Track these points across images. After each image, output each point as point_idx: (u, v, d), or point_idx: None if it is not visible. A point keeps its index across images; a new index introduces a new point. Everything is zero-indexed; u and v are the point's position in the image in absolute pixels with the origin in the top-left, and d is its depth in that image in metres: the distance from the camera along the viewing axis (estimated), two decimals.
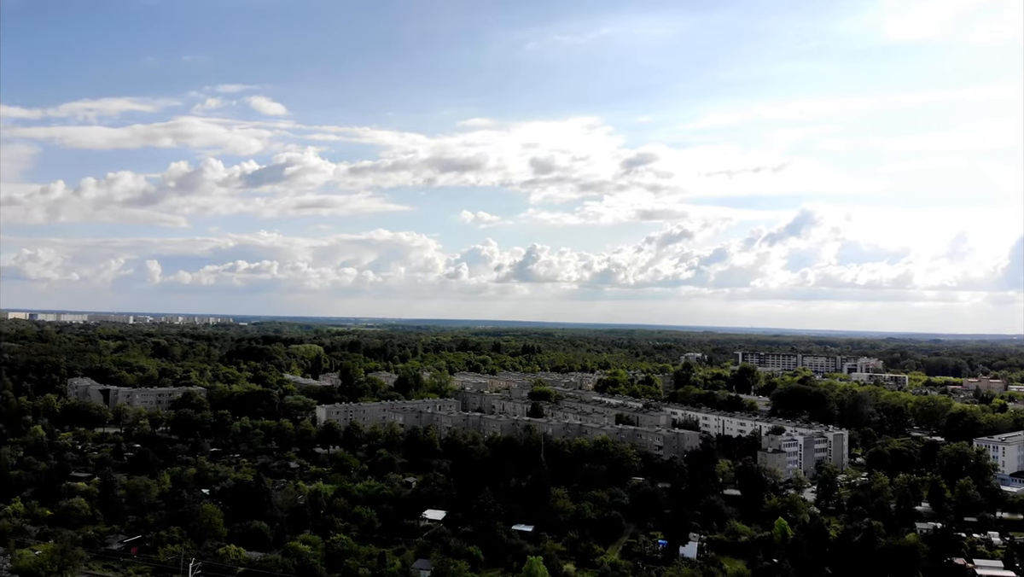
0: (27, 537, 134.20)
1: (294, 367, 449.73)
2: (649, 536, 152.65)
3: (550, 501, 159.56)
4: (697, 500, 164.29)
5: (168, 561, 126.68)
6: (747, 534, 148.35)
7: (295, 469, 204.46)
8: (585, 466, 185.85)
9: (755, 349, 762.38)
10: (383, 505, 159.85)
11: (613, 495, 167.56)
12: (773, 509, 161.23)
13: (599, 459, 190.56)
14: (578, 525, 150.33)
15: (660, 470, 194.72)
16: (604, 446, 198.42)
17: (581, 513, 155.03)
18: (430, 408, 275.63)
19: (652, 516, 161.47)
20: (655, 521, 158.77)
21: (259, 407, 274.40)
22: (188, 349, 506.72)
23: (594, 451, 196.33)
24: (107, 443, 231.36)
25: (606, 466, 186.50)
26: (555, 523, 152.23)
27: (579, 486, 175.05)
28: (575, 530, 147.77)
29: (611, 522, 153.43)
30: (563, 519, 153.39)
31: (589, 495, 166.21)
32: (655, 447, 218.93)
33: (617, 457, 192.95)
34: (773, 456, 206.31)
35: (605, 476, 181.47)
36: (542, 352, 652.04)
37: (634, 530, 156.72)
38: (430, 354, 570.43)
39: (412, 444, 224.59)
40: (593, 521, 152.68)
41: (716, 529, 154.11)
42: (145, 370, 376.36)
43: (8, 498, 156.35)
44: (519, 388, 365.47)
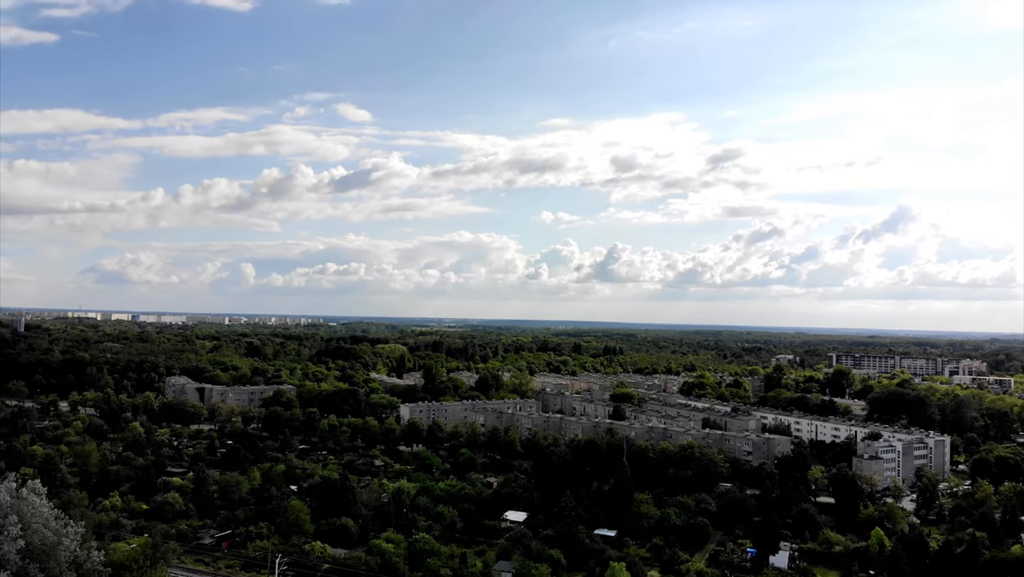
0: (123, 531, 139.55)
1: (380, 366, 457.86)
2: (737, 544, 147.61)
3: (633, 506, 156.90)
4: (788, 508, 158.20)
5: (256, 556, 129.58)
6: (842, 544, 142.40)
7: (379, 467, 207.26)
8: (670, 471, 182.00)
9: (850, 351, 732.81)
10: (464, 505, 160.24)
11: (699, 501, 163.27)
12: (869, 519, 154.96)
13: (685, 464, 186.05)
14: (662, 531, 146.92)
15: (749, 476, 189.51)
16: (690, 451, 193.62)
17: (666, 519, 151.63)
18: (510, 409, 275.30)
19: (740, 524, 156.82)
20: (744, 529, 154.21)
21: (346, 405, 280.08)
22: (279, 349, 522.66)
23: (679, 456, 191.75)
24: (201, 440, 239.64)
25: (692, 471, 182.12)
26: (638, 529, 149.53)
27: (663, 491, 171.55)
28: (659, 536, 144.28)
29: (697, 529, 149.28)
30: (647, 525, 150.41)
31: (674, 501, 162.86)
32: (744, 452, 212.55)
33: (704, 462, 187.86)
34: (869, 463, 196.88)
35: (691, 482, 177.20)
36: (624, 353, 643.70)
37: (721, 537, 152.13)
38: (510, 355, 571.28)
39: (493, 444, 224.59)
40: (678, 527, 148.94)
41: (808, 538, 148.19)
42: (238, 369, 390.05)
43: (107, 492, 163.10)
44: (600, 390, 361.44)
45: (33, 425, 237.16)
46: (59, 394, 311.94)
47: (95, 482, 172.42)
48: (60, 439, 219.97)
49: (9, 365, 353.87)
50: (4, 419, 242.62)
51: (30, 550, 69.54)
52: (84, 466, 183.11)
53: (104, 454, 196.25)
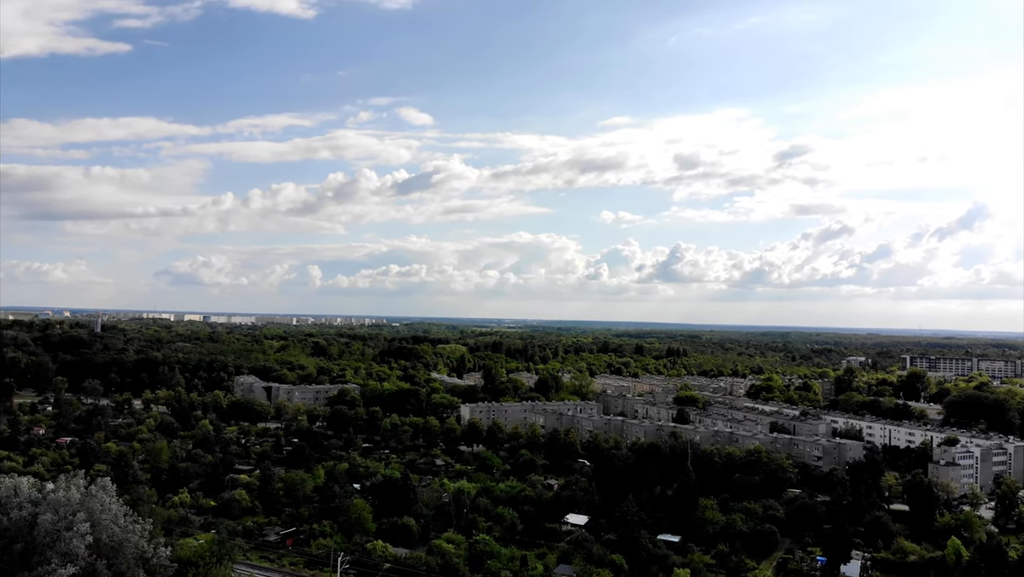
0: (191, 527, 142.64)
1: (440, 366, 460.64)
2: (806, 552, 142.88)
3: (698, 511, 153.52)
4: (860, 515, 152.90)
5: (320, 554, 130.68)
6: (916, 554, 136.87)
7: (440, 466, 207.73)
8: (736, 476, 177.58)
9: (924, 353, 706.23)
10: (524, 507, 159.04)
11: (767, 507, 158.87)
12: (946, 527, 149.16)
13: (751, 469, 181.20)
14: (728, 538, 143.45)
15: (819, 482, 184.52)
16: (757, 455, 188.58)
17: (732, 525, 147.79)
18: (571, 410, 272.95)
19: (810, 531, 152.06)
20: (813, 536, 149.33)
21: (408, 405, 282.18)
22: (344, 348, 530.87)
23: (746, 460, 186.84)
24: (268, 437, 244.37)
25: (759, 477, 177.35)
26: (703, 535, 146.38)
27: (729, 497, 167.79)
28: (725, 543, 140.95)
29: (765, 536, 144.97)
30: (712, 531, 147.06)
31: (740, 506, 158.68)
32: (813, 458, 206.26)
33: (771, 467, 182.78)
34: (946, 469, 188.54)
35: (758, 487, 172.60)
36: (688, 355, 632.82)
37: (790, 545, 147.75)
38: (570, 356, 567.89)
39: (553, 446, 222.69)
40: (745, 534, 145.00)
41: (881, 547, 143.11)
42: (305, 368, 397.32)
43: (176, 489, 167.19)
44: (663, 392, 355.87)
45: (107, 423, 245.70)
46: (133, 392, 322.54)
47: (165, 479, 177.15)
48: (133, 436, 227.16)
49: (86, 364, 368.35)
50: (80, 417, 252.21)
51: (99, 546, 70.90)
52: (155, 463, 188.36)
53: (174, 451, 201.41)
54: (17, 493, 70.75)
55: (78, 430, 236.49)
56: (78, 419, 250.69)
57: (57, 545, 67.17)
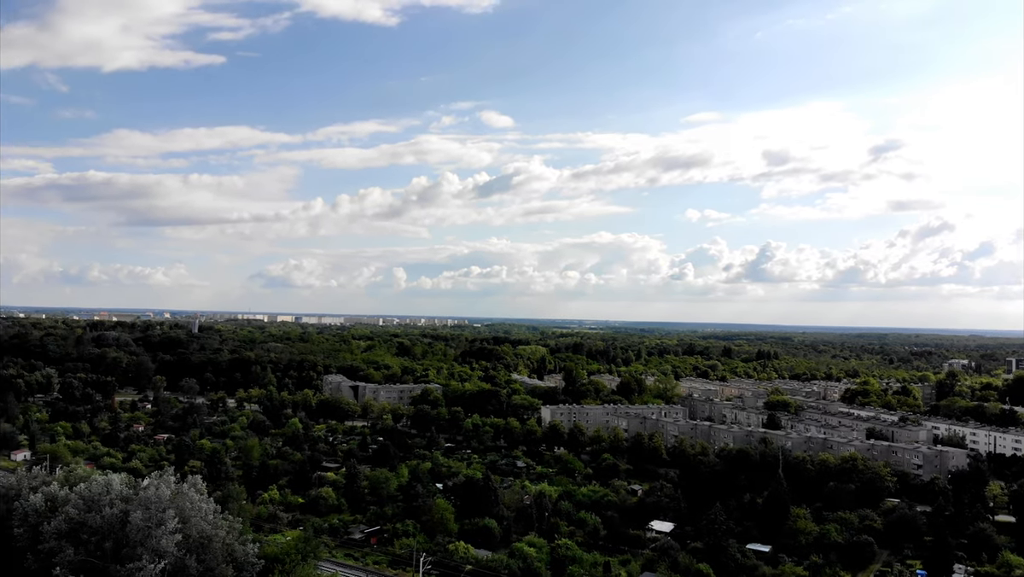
0: (279, 524, 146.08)
1: (521, 367, 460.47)
2: (905, 565, 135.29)
3: (789, 521, 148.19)
4: (963, 527, 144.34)
5: (403, 554, 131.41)
6: (1023, 568, 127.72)
7: (522, 468, 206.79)
8: (830, 484, 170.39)
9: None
10: (607, 512, 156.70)
11: (863, 518, 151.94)
12: None
13: (846, 477, 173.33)
14: (822, 549, 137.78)
15: (919, 492, 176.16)
16: (852, 463, 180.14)
17: (825, 535, 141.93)
18: (655, 414, 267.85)
19: (909, 543, 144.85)
20: (912, 549, 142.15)
21: (489, 405, 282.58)
22: (427, 349, 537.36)
23: (841, 468, 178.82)
24: (354, 436, 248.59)
25: (855, 485, 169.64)
26: (795, 545, 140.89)
27: (823, 506, 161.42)
28: (818, 554, 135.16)
29: (861, 547, 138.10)
30: (804, 541, 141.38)
31: (835, 516, 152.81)
32: (913, 466, 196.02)
33: (868, 476, 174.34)
34: None
35: (853, 496, 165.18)
36: (779, 358, 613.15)
37: (887, 558, 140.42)
38: (654, 358, 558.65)
39: (636, 450, 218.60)
40: (839, 545, 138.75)
41: (985, 561, 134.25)
42: (390, 368, 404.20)
43: (266, 485, 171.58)
44: (753, 397, 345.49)
45: (202, 420, 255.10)
46: (227, 391, 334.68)
47: (256, 475, 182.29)
48: (226, 434, 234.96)
49: (183, 364, 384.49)
50: (176, 414, 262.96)
51: (188, 543, 72.43)
52: (247, 460, 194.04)
53: (265, 448, 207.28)
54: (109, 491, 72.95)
55: (175, 427, 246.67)
56: (175, 417, 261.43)
57: (148, 542, 68.85)
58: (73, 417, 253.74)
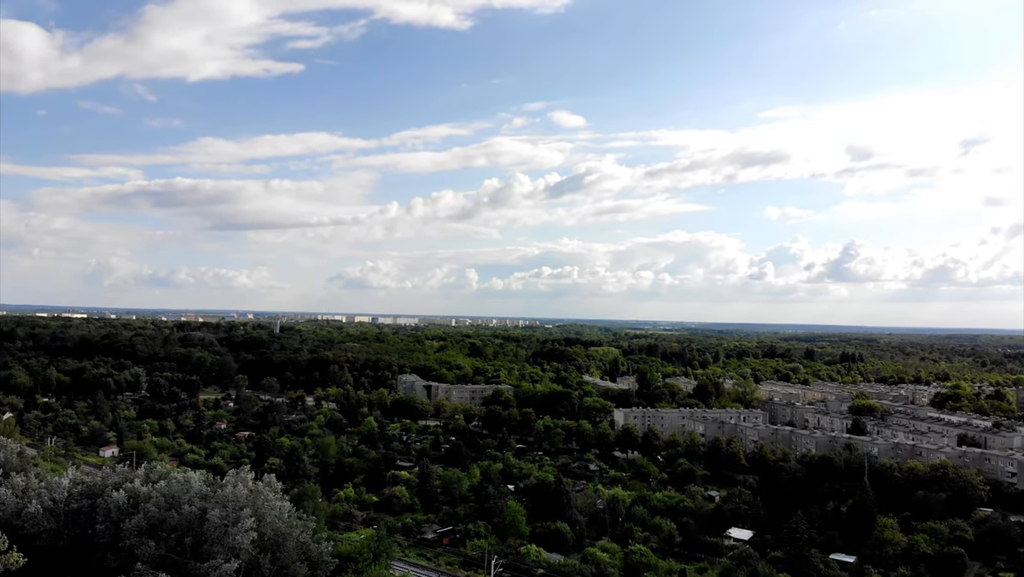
0: (354, 522, 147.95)
1: (593, 369, 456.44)
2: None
3: (875, 531, 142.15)
4: None
5: (474, 555, 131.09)
6: None
7: (594, 472, 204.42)
8: (919, 493, 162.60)
9: None
10: (683, 518, 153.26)
11: (953, 528, 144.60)
12: None
13: (936, 485, 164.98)
14: (910, 560, 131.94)
15: (1013, 501, 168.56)
16: (943, 471, 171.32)
17: (914, 546, 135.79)
18: (733, 418, 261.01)
19: (1002, 555, 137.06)
20: (1006, 561, 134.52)
21: (560, 407, 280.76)
22: (499, 349, 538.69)
23: (930, 476, 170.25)
24: (427, 435, 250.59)
25: (945, 494, 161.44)
26: (881, 556, 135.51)
27: (911, 516, 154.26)
28: (906, 565, 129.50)
29: (951, 559, 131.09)
30: (891, 552, 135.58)
31: (924, 526, 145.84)
32: (1007, 474, 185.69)
33: (959, 484, 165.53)
34: None
35: (943, 506, 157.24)
36: (864, 360, 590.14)
37: (979, 570, 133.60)
38: (732, 360, 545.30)
39: (714, 456, 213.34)
40: (928, 557, 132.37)
41: None
42: (462, 368, 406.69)
43: (342, 483, 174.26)
44: (837, 401, 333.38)
45: (282, 418, 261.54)
46: (306, 390, 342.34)
47: (332, 473, 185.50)
48: (304, 432, 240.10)
49: (265, 363, 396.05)
50: (257, 413, 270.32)
51: (263, 542, 73.28)
52: (323, 458, 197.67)
53: (341, 447, 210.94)
54: (188, 489, 74.44)
55: (255, 425, 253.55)
56: (256, 415, 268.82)
57: (224, 540, 69.91)
58: (159, 415, 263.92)
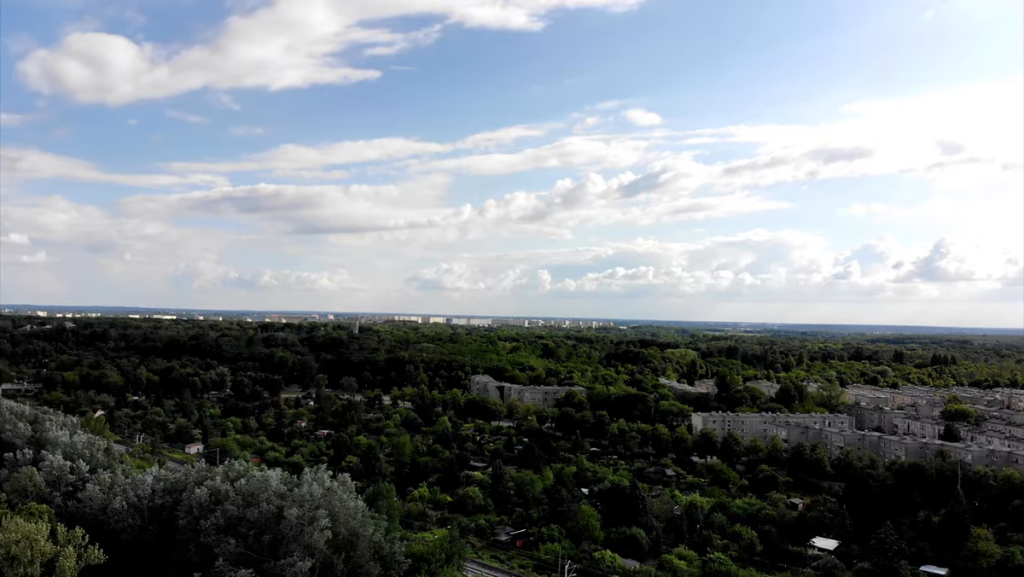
0: (428, 522, 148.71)
1: (669, 372, 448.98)
2: None
3: (969, 542, 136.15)
4: None
5: (547, 559, 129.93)
6: None
7: (671, 477, 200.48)
8: (1015, 503, 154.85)
9: None
10: (764, 526, 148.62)
11: None
12: None
13: None
14: (1005, 573, 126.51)
15: None
16: None
17: (1009, 558, 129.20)
18: (818, 423, 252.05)
19: None
20: None
21: (635, 410, 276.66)
22: (572, 351, 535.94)
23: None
24: (500, 436, 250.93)
25: None
26: (974, 569, 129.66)
27: (1007, 526, 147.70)
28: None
29: None
30: (985, 564, 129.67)
31: (1020, 538, 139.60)
32: None
33: None
34: None
35: None
36: (957, 363, 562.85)
37: None
38: (817, 363, 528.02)
39: (797, 462, 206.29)
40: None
41: None
42: (534, 369, 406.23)
43: (416, 482, 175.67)
44: (928, 405, 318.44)
45: (360, 417, 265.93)
46: (383, 389, 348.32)
47: (407, 472, 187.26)
48: (381, 431, 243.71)
49: (344, 363, 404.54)
50: (336, 411, 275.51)
51: (337, 541, 73.79)
52: (399, 456, 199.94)
53: (416, 446, 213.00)
54: (267, 487, 75.57)
55: (334, 424, 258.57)
56: (335, 413, 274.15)
57: (300, 538, 70.65)
58: (243, 413, 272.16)
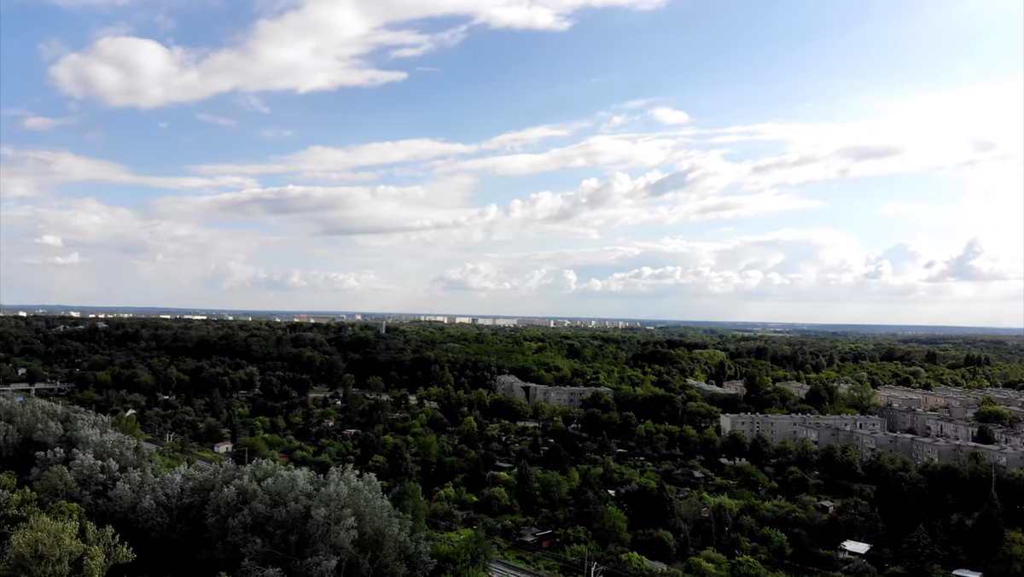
0: (454, 522, 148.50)
1: (697, 372, 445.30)
2: None
3: (1003, 545, 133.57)
4: None
5: (574, 561, 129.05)
6: None
7: (699, 479, 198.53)
8: None
9: None
10: (794, 529, 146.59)
11: None
12: None
13: None
14: None
15: None
16: None
17: None
18: (848, 425, 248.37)
19: None
20: None
21: (662, 411, 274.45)
22: (598, 351, 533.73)
23: None
24: (526, 436, 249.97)
25: None
26: (1009, 573, 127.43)
27: None
28: None
29: None
30: (1020, 568, 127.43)
31: None
32: None
33: None
34: None
35: None
36: (991, 364, 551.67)
37: None
38: (847, 364, 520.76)
39: (827, 464, 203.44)
40: None
41: None
42: (560, 370, 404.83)
43: (442, 482, 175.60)
44: (961, 407, 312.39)
45: (386, 416, 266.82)
46: (409, 389, 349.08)
47: (433, 472, 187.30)
48: (407, 430, 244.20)
49: (370, 363, 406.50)
50: (363, 411, 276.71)
51: (363, 540, 73.88)
52: (425, 456, 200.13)
53: (442, 446, 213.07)
54: (294, 486, 75.86)
55: (361, 423, 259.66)
56: (362, 413, 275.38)
57: (327, 538, 70.90)
58: (271, 412, 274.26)
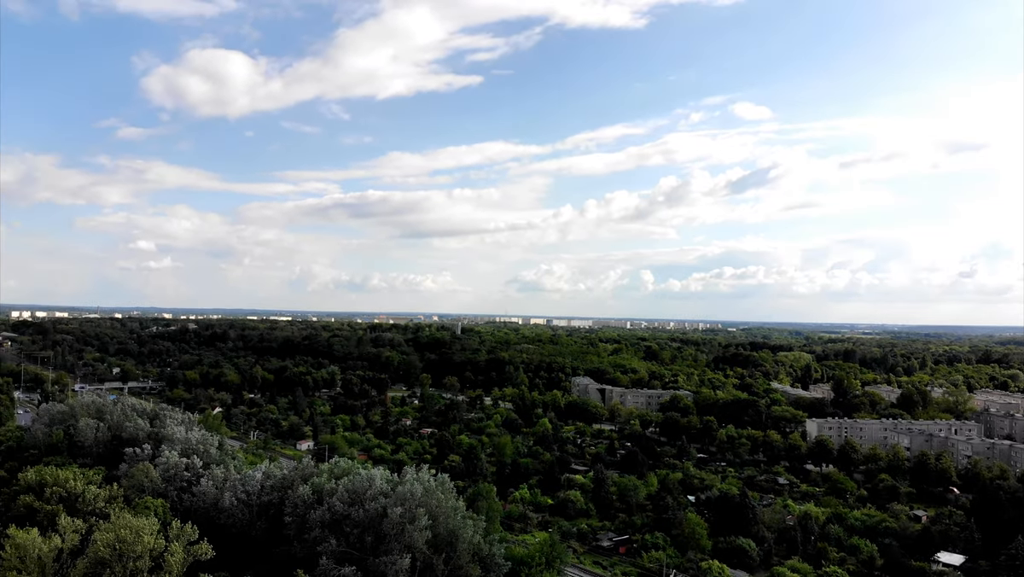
0: (529, 524, 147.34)
1: (782, 376, 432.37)
2: None
3: None
4: None
5: (652, 567, 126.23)
6: None
7: (783, 486, 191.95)
8: None
9: None
10: (885, 539, 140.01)
11: None
12: None
13: None
14: None
15: None
16: None
17: None
18: (943, 431, 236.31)
19: None
20: None
21: (745, 416, 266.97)
22: (676, 353, 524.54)
23: None
24: (602, 439, 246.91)
25: None
26: None
27: None
28: None
29: None
30: None
31: None
32: None
33: None
34: None
35: None
36: None
37: None
38: (941, 366, 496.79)
39: (920, 472, 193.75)
40: None
41: None
42: (636, 372, 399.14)
43: (517, 483, 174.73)
44: None
45: (462, 416, 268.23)
46: (484, 389, 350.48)
47: (508, 473, 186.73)
48: (482, 430, 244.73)
49: (446, 363, 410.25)
50: (439, 410, 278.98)
51: (436, 541, 73.42)
52: (499, 457, 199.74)
53: (517, 447, 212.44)
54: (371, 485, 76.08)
55: (437, 422, 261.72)
56: (438, 412, 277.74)
57: (401, 537, 70.78)
58: (351, 411, 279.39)
